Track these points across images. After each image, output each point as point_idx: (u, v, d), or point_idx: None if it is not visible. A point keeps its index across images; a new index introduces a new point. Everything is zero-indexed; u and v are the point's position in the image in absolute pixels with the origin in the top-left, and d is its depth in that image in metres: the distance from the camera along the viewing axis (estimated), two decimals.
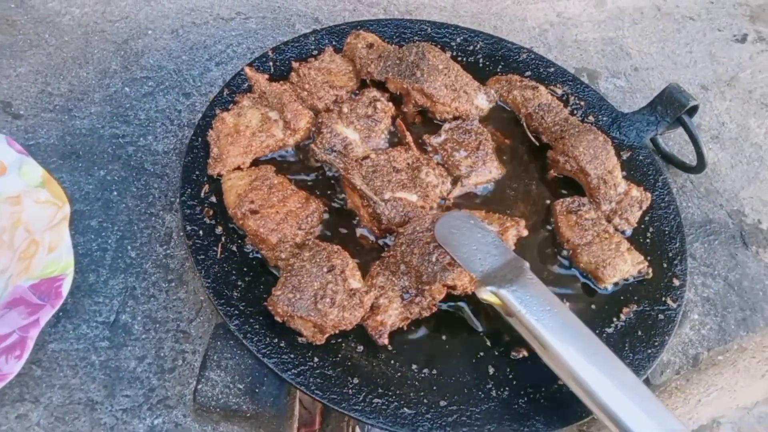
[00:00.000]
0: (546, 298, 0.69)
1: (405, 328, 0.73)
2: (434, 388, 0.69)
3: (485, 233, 0.75)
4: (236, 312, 0.70)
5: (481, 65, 1.03)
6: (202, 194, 0.80)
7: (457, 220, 0.76)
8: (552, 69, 1.03)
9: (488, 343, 0.74)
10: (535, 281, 0.70)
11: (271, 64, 0.95)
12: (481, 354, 0.73)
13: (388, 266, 0.75)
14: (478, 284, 0.71)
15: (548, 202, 0.88)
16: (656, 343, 0.76)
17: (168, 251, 0.83)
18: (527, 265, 0.72)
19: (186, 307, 0.78)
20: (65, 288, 0.71)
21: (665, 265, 0.83)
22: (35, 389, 0.69)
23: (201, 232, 0.76)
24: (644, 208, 0.87)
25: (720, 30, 1.35)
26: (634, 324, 0.77)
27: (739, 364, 0.96)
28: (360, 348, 0.71)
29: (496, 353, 0.73)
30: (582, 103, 0.99)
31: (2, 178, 0.79)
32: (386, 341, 0.71)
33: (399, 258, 0.75)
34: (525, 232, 0.78)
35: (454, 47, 1.04)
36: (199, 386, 0.67)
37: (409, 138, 0.89)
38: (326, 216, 0.81)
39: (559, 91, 1.00)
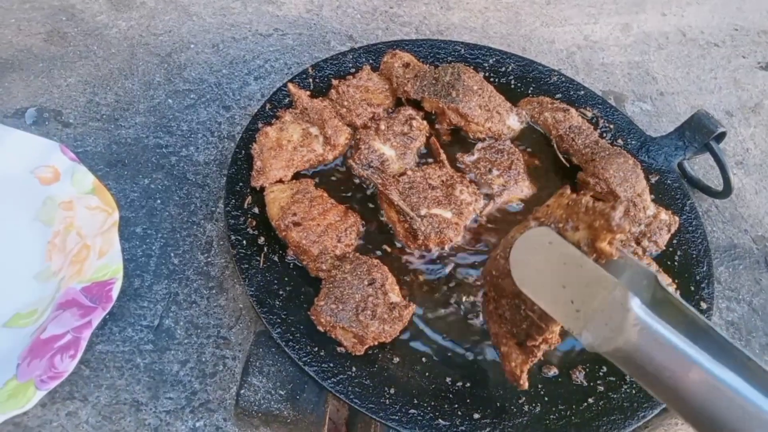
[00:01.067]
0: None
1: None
2: (468, 401, 0.71)
3: (569, 257, 0.55)
4: (278, 320, 0.73)
5: (512, 86, 1.05)
6: (246, 205, 0.83)
7: (529, 251, 0.58)
8: (582, 92, 1.06)
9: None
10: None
11: (311, 80, 0.99)
12: None
13: (491, 315, 0.66)
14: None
15: None
16: None
17: (209, 259, 0.86)
18: (631, 300, 0.50)
19: (226, 314, 0.81)
20: (115, 291, 0.74)
21: (692, 288, 0.85)
22: (84, 388, 0.72)
23: (245, 241, 0.79)
24: (672, 231, 0.89)
25: (744, 57, 1.37)
26: None
27: None
28: (396, 359, 0.73)
29: (588, 350, 0.74)
30: (611, 126, 1.02)
31: (56, 184, 0.83)
32: (525, 385, 0.65)
33: (493, 311, 0.65)
34: (625, 230, 0.54)
35: (487, 68, 1.07)
36: (242, 391, 0.69)
37: (444, 156, 0.92)
38: (363, 230, 0.84)
39: (589, 114, 1.03)
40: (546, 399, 0.73)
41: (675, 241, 0.90)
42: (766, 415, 0.44)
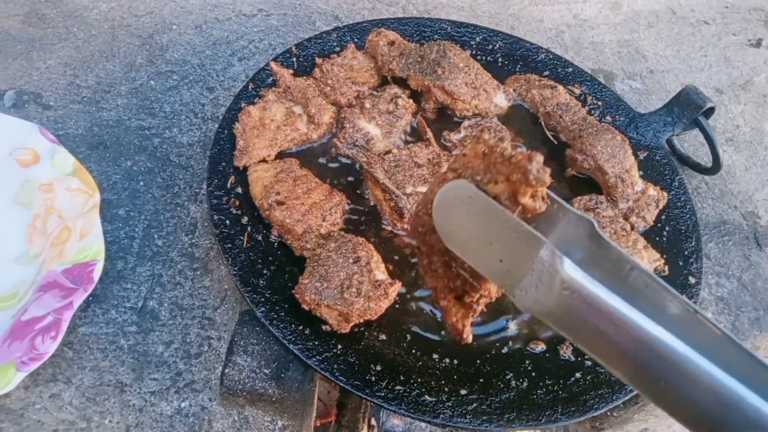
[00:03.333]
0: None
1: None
2: (455, 377, 0.71)
3: (491, 212, 0.49)
4: (262, 299, 0.72)
5: (500, 64, 1.04)
6: (229, 185, 0.82)
7: (451, 206, 0.53)
8: (570, 69, 1.05)
9: (507, 335, 0.75)
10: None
11: (294, 59, 0.97)
12: (500, 345, 0.75)
13: (426, 270, 0.63)
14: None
15: (566, 199, 0.90)
16: None
17: (193, 240, 0.85)
18: (547, 250, 0.46)
19: (211, 295, 0.80)
20: (97, 273, 0.73)
21: (681, 263, 0.85)
22: (67, 370, 0.71)
23: (228, 221, 0.78)
24: (661, 206, 0.88)
25: (735, 34, 1.36)
26: None
27: None
28: (382, 337, 0.73)
29: (515, 345, 0.75)
30: (599, 103, 1.01)
31: (36, 166, 0.81)
32: (470, 339, 0.61)
33: (427, 266, 0.61)
34: (545, 182, 0.47)
35: (474, 46, 1.05)
36: (227, 370, 0.69)
37: (430, 134, 0.91)
38: (348, 208, 0.83)
39: (577, 91, 1.02)
40: (533, 374, 0.73)
41: (664, 217, 0.89)
42: (698, 370, 0.42)
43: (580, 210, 0.49)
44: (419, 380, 0.70)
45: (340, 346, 0.71)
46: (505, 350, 0.74)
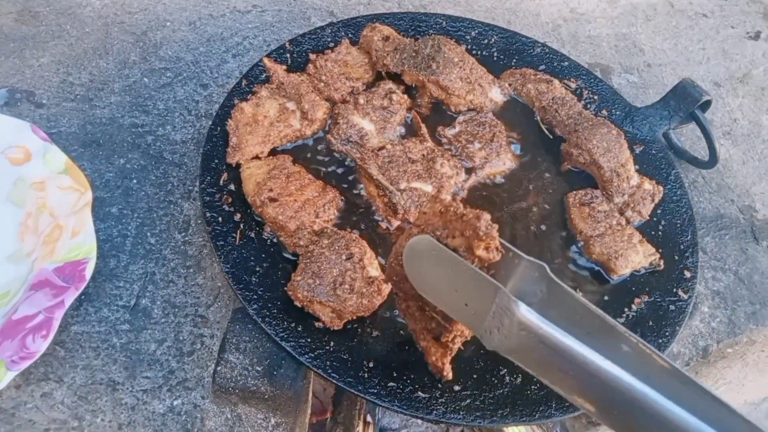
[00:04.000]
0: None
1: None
2: None
3: (453, 263, 0.55)
4: (255, 297, 0.72)
5: (495, 59, 1.03)
6: (221, 182, 0.81)
7: (417, 259, 0.59)
8: (566, 63, 1.04)
9: None
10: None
11: (288, 55, 0.97)
12: None
13: (405, 312, 0.68)
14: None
15: (561, 194, 0.89)
16: (667, 333, 0.77)
17: (186, 238, 0.84)
18: (504, 295, 0.51)
19: (204, 293, 0.80)
20: (88, 271, 0.72)
21: (676, 257, 0.84)
22: (59, 369, 0.71)
23: (220, 218, 0.78)
24: (656, 201, 0.88)
25: (733, 27, 1.35)
26: (646, 314, 0.78)
27: (748, 358, 0.97)
28: (375, 333, 0.73)
29: (490, 351, 0.74)
30: (595, 97, 1.00)
31: (27, 164, 0.81)
32: (450, 376, 0.66)
33: (405, 309, 0.68)
34: (493, 237, 0.53)
35: (469, 40, 1.04)
36: (219, 368, 0.69)
37: (424, 129, 0.90)
38: (342, 204, 0.82)
39: (573, 85, 1.01)
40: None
41: (659, 211, 0.89)
42: (648, 402, 0.45)
43: (531, 257, 0.53)
44: (412, 376, 0.69)
45: (332, 343, 0.70)
46: None
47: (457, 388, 0.69)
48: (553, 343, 0.48)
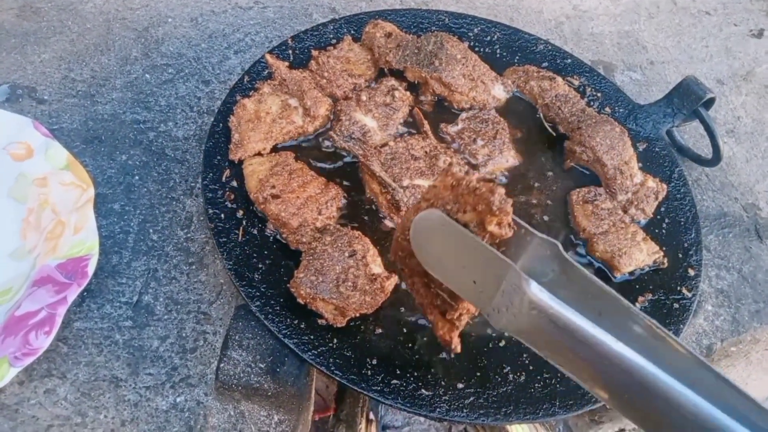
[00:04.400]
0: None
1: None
2: (451, 371, 0.70)
3: (462, 239, 0.53)
4: (257, 293, 0.71)
5: (498, 56, 1.03)
6: (224, 179, 0.81)
7: (425, 233, 0.57)
8: (569, 60, 1.03)
9: None
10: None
11: (290, 52, 0.96)
12: (498, 339, 0.74)
13: (411, 287, 0.65)
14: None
15: (565, 191, 0.89)
16: (671, 332, 0.76)
17: (189, 235, 0.84)
18: (515, 273, 0.49)
19: (207, 290, 0.80)
20: (91, 267, 0.72)
21: (680, 255, 0.84)
22: (62, 365, 0.71)
23: (222, 215, 0.77)
24: (660, 198, 0.88)
25: (736, 25, 1.34)
26: (650, 312, 0.78)
27: (751, 356, 0.97)
28: (378, 330, 0.72)
29: (513, 339, 0.74)
30: (599, 94, 1.00)
31: (29, 160, 0.81)
32: (459, 349, 0.62)
33: (411, 285, 0.65)
34: (507, 212, 0.51)
35: (472, 37, 1.04)
36: (222, 365, 0.68)
37: (427, 126, 0.90)
38: (345, 201, 0.82)
39: (576, 83, 1.01)
40: (531, 368, 0.72)
41: (663, 209, 0.88)
42: (662, 386, 0.43)
43: (544, 234, 0.51)
44: (416, 374, 0.69)
45: (335, 340, 0.70)
46: (502, 344, 0.74)
47: (460, 385, 0.69)
48: (564, 323, 0.46)
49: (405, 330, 0.73)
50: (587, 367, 0.47)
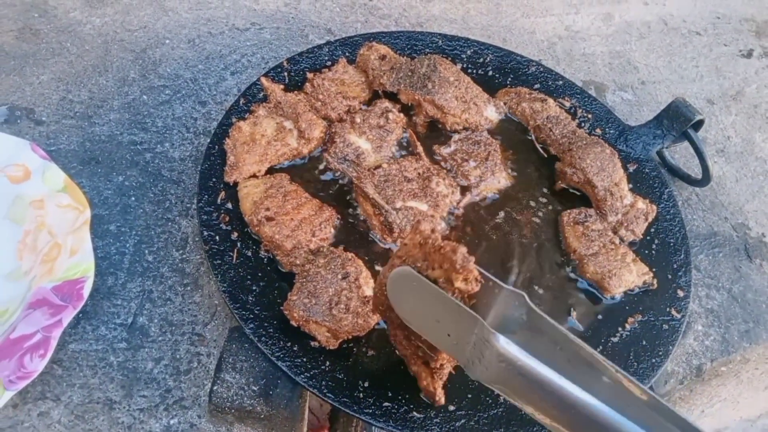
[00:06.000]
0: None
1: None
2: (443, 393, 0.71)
3: (433, 295, 0.55)
4: (251, 316, 0.72)
5: (490, 77, 1.05)
6: (219, 201, 0.82)
7: (400, 290, 0.59)
8: (560, 82, 1.05)
9: None
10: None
11: (286, 74, 0.98)
12: None
13: (395, 339, 0.69)
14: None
15: (555, 213, 0.90)
16: (660, 353, 0.77)
17: (184, 256, 0.85)
18: (485, 328, 0.51)
19: (201, 311, 0.80)
20: (86, 290, 0.73)
21: (670, 276, 0.85)
22: (56, 388, 0.71)
23: (217, 237, 0.78)
24: (650, 220, 0.89)
25: (726, 45, 1.37)
26: (639, 334, 0.79)
27: (742, 375, 0.97)
28: (371, 353, 0.73)
29: (474, 380, 0.75)
30: (589, 116, 1.01)
31: (26, 182, 0.82)
32: (442, 401, 0.67)
33: (394, 337, 0.69)
34: (470, 270, 0.53)
35: (465, 59, 1.06)
36: (215, 387, 0.69)
37: (420, 148, 0.91)
38: (338, 223, 0.83)
39: (567, 104, 1.02)
40: None
41: (653, 230, 0.89)
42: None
43: (510, 286, 0.54)
44: (407, 396, 0.70)
45: (328, 363, 0.71)
46: None
47: (451, 408, 0.70)
48: (532, 374, 0.49)
49: (397, 352, 0.73)
50: (556, 413, 0.49)
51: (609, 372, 0.48)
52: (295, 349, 0.71)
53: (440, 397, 0.66)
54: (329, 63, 1.01)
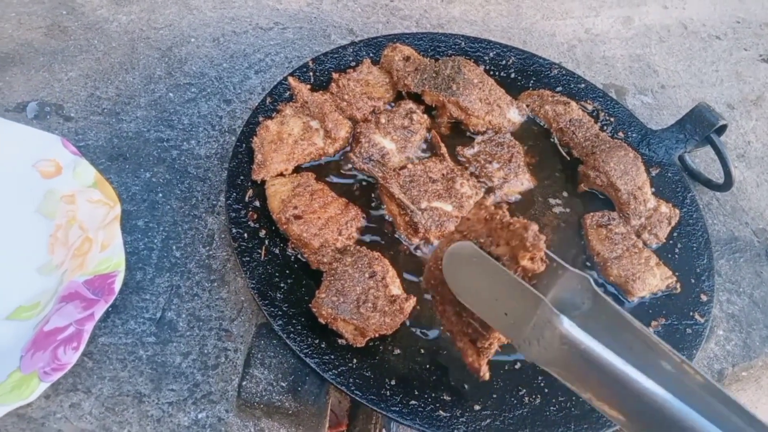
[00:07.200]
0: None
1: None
2: (468, 392, 0.72)
3: (494, 272, 0.55)
4: (279, 313, 0.73)
5: (513, 79, 1.05)
6: (247, 198, 0.83)
7: (458, 264, 0.59)
8: (583, 85, 1.05)
9: None
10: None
11: (311, 74, 0.99)
12: (513, 361, 0.75)
13: (442, 315, 0.68)
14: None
15: (578, 215, 0.91)
16: (684, 357, 0.78)
17: (210, 252, 0.86)
18: (547, 307, 0.50)
19: (228, 307, 0.81)
20: (117, 284, 0.74)
21: (693, 281, 0.85)
22: (87, 380, 0.73)
23: (246, 234, 0.79)
24: (673, 224, 0.89)
25: (746, 49, 1.36)
26: (663, 337, 0.78)
27: (762, 381, 0.97)
28: (397, 351, 0.74)
29: (528, 362, 0.75)
30: (612, 119, 1.02)
31: (58, 177, 0.83)
32: (487, 377, 0.65)
33: (442, 312, 0.68)
34: (540, 248, 0.54)
35: (487, 61, 1.06)
36: (244, 383, 0.70)
37: (444, 149, 0.92)
38: (365, 222, 0.84)
39: (590, 107, 1.03)
40: (546, 390, 0.73)
41: (675, 234, 0.90)
42: (688, 422, 0.44)
43: (576, 269, 0.53)
44: (433, 395, 0.71)
45: (355, 360, 0.72)
46: (518, 366, 0.75)
47: (477, 407, 0.70)
48: (595, 358, 0.47)
49: (422, 351, 0.74)
50: (612, 397, 0.48)
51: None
52: (322, 346, 0.72)
53: (485, 373, 0.64)
54: (353, 63, 1.02)
